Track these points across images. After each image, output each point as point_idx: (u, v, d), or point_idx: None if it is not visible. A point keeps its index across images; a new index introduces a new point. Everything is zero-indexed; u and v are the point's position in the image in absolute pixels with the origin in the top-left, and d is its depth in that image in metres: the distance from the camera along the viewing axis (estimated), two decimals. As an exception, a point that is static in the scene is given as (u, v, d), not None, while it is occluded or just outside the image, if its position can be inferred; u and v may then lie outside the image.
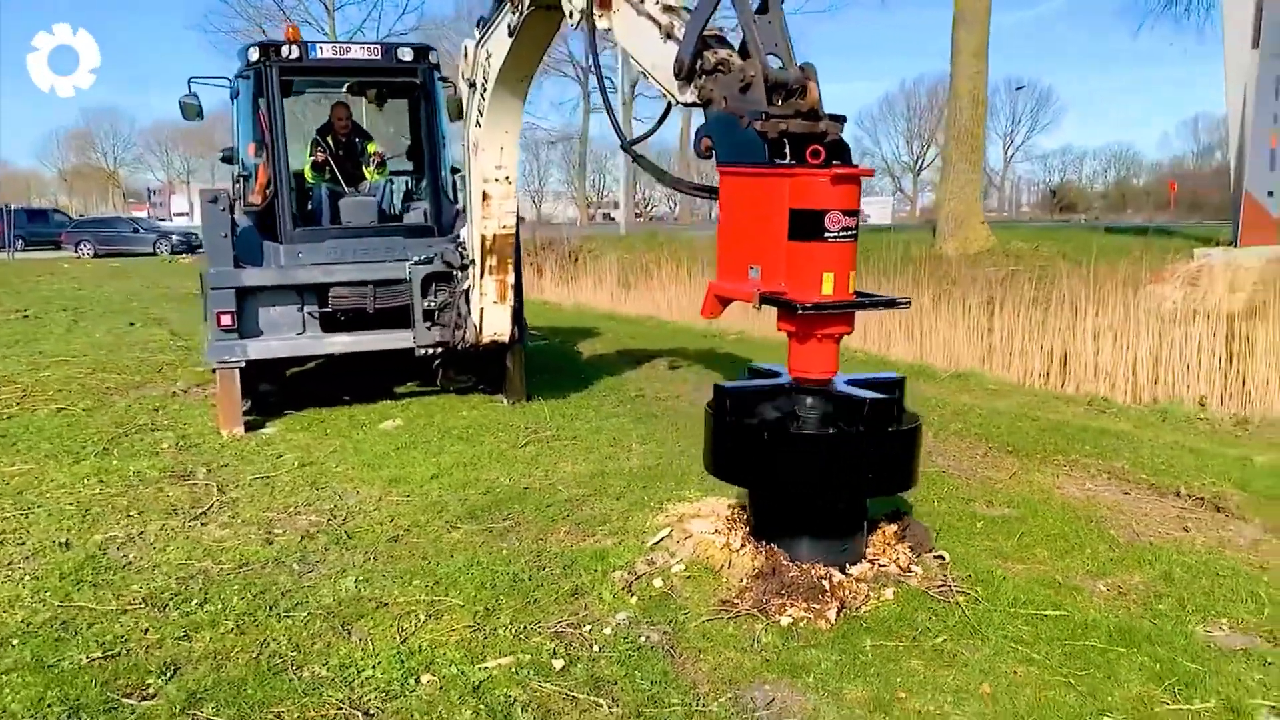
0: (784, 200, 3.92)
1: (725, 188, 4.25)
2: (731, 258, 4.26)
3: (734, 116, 4.11)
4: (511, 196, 7.49)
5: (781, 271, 3.99)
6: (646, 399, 9.14)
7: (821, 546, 4.37)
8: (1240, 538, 5.19)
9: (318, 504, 5.98)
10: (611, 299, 19.66)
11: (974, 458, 6.93)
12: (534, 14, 6.24)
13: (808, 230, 3.90)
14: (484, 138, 7.21)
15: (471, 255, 7.59)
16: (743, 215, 4.16)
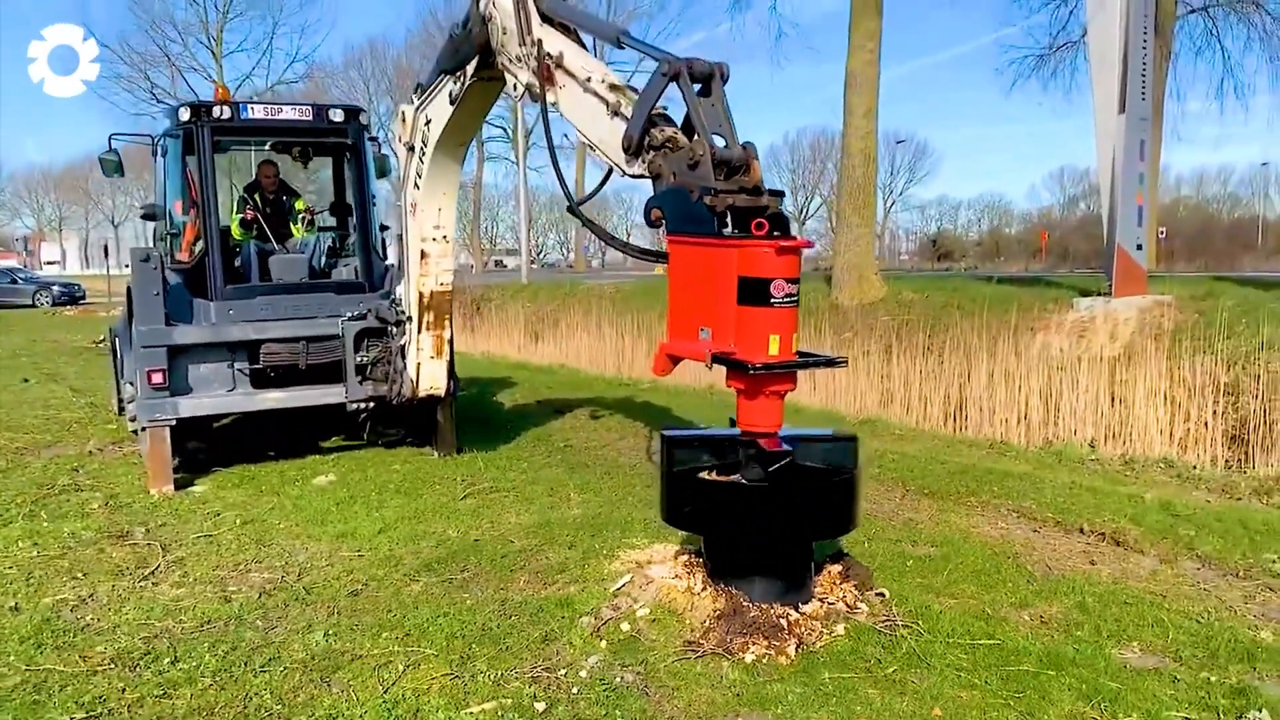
0: (733, 269, 4.22)
1: (676, 255, 4.53)
2: (682, 320, 4.54)
3: (684, 190, 4.41)
4: (449, 255, 7.73)
5: (731, 334, 4.28)
6: (575, 449, 9.39)
7: (776, 587, 4.68)
8: (1140, 569, 5.72)
9: (268, 561, 6.04)
10: (519, 349, 19.87)
11: (894, 500, 7.38)
12: (475, 85, 6.53)
13: (755, 296, 4.20)
14: (423, 199, 7.45)
15: (408, 311, 7.76)
16: (693, 281, 4.44)
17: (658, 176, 4.60)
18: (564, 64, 5.27)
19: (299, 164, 9.94)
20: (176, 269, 8.50)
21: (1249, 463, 9.17)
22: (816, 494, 4.62)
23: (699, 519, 4.84)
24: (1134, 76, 14.27)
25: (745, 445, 4.62)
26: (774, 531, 4.57)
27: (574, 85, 5.23)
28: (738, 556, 4.76)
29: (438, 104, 7.06)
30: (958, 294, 17.40)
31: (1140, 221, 14.90)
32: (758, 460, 4.57)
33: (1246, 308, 12.57)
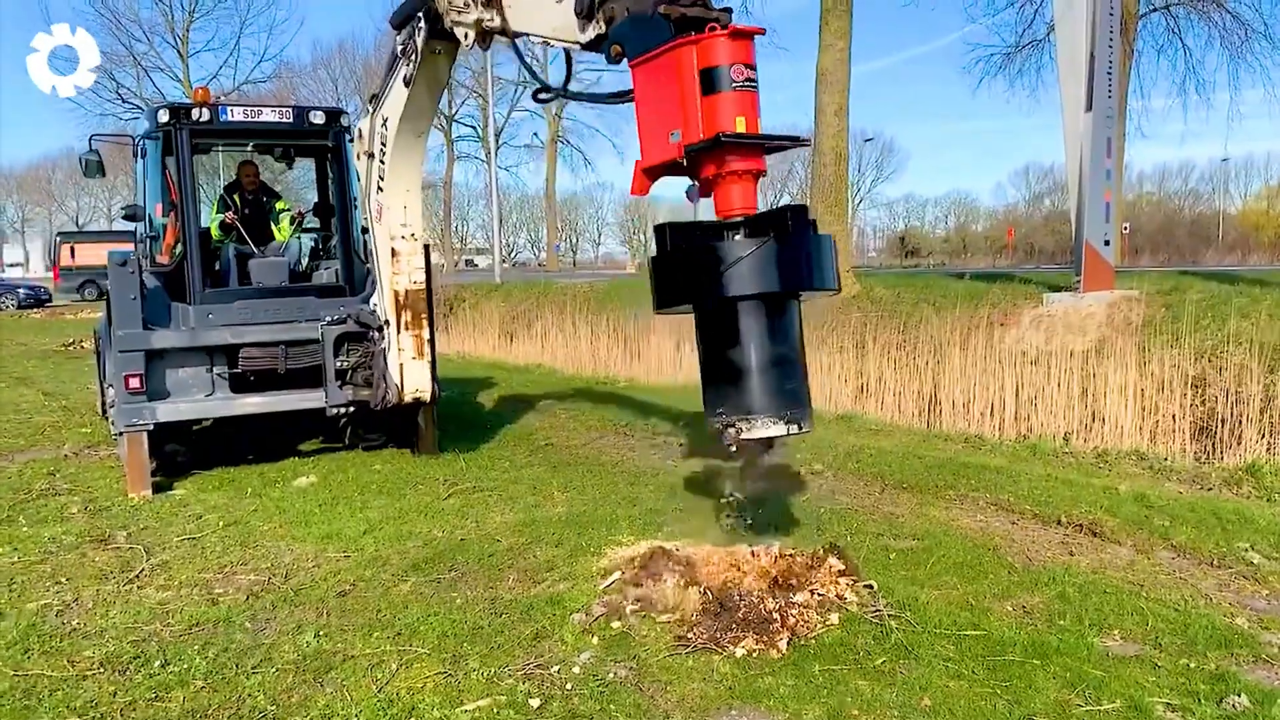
0: (693, 64, 4.31)
1: (640, 76, 4.62)
2: (652, 134, 4.58)
3: (641, 14, 4.58)
4: (419, 252, 7.79)
5: (698, 125, 4.31)
6: (557, 447, 9.42)
7: (775, 402, 4.46)
8: (1118, 559, 5.83)
9: (254, 563, 6.03)
10: (494, 348, 19.85)
11: (873, 495, 7.47)
12: (427, 58, 6.74)
13: (717, 84, 4.29)
14: (387, 198, 7.53)
15: (385, 314, 7.76)
16: (658, 93, 4.51)
17: (612, 19, 4.79)
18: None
19: (284, 165, 9.91)
20: (156, 272, 8.45)
21: (1217, 454, 9.34)
22: (798, 246, 4.49)
23: (689, 289, 4.61)
24: (1100, 75, 14.49)
25: (732, 226, 4.51)
26: (764, 283, 4.38)
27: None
28: (732, 373, 4.54)
29: (393, 96, 7.20)
30: (929, 290, 17.58)
31: (1108, 218, 15.15)
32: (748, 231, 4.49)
33: (1212, 301, 12.80)
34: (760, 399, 4.44)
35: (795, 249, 4.42)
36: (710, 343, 4.66)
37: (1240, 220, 57.43)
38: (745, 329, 4.44)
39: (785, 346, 4.54)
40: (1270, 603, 5.14)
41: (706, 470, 8.23)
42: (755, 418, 4.42)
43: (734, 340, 4.47)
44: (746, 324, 4.43)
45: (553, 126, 54.82)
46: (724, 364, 4.55)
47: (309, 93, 56.64)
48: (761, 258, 4.32)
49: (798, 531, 6.26)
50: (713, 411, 4.59)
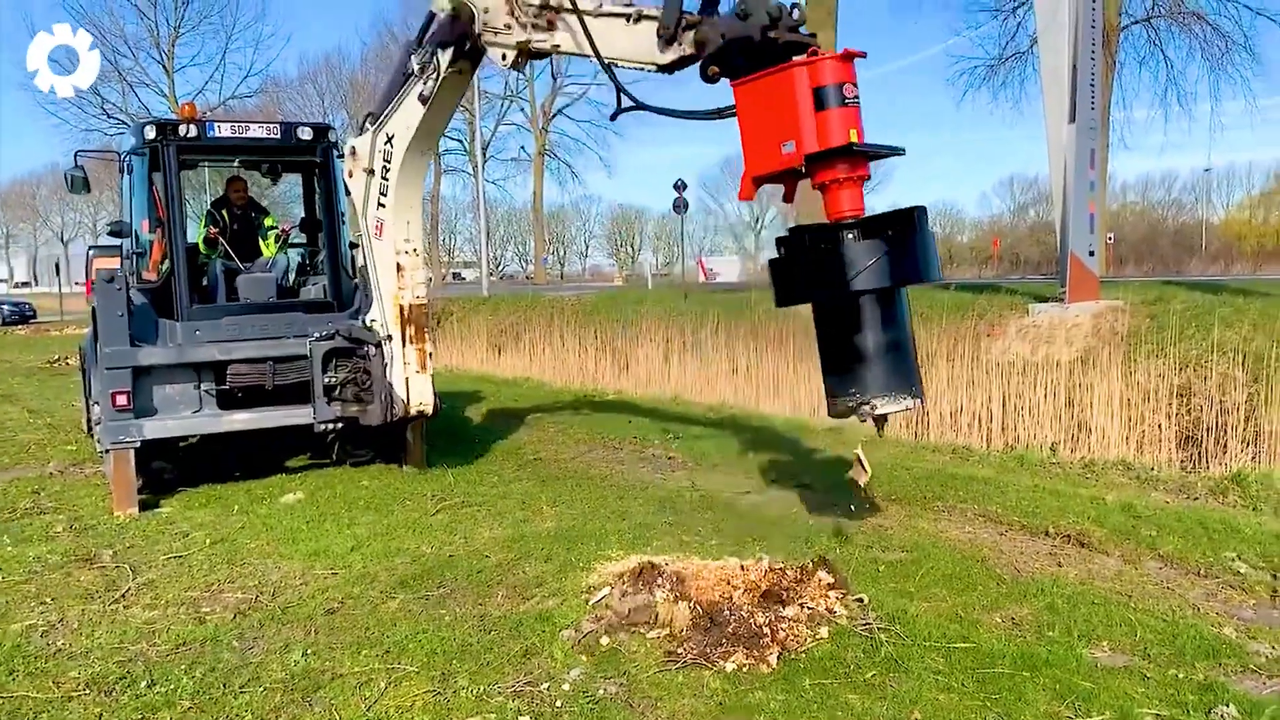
0: (805, 83, 4.66)
1: (745, 94, 4.94)
2: (761, 146, 4.90)
3: (745, 38, 4.94)
4: (420, 267, 7.82)
5: (813, 138, 4.66)
6: (545, 461, 9.41)
7: (898, 381, 4.86)
8: (1106, 569, 5.85)
9: (241, 581, 6.00)
10: (482, 361, 19.82)
11: (863, 507, 7.47)
12: (449, 77, 6.86)
13: (828, 101, 4.65)
14: (391, 215, 7.52)
15: (388, 329, 7.74)
16: (766, 109, 4.84)
17: (704, 44, 5.11)
18: (563, 6, 5.88)
19: (270, 181, 9.91)
20: (143, 288, 8.42)
21: (1203, 463, 9.38)
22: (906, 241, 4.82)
23: (814, 286, 4.99)
24: (1083, 87, 14.57)
25: (847, 227, 4.80)
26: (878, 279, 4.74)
27: (574, 20, 5.78)
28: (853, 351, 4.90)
29: (402, 115, 7.24)
30: (915, 301, 17.60)
31: (1092, 228, 15.20)
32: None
33: (1195, 311, 12.85)
34: (886, 379, 4.84)
35: (910, 247, 4.80)
36: (833, 333, 5.05)
37: (1223, 230, 57.79)
38: (867, 319, 4.85)
39: (901, 332, 4.98)
40: (1257, 612, 5.17)
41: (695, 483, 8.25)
42: (884, 396, 4.82)
43: (857, 329, 4.87)
44: (868, 315, 4.85)
45: (539, 140, 54.89)
46: (849, 351, 4.93)
47: (295, 108, 56.57)
48: (882, 256, 4.72)
49: (787, 545, 6.29)
50: (844, 393, 4.94)
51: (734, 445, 10.00)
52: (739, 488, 8.20)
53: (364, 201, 7.67)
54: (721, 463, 9.24)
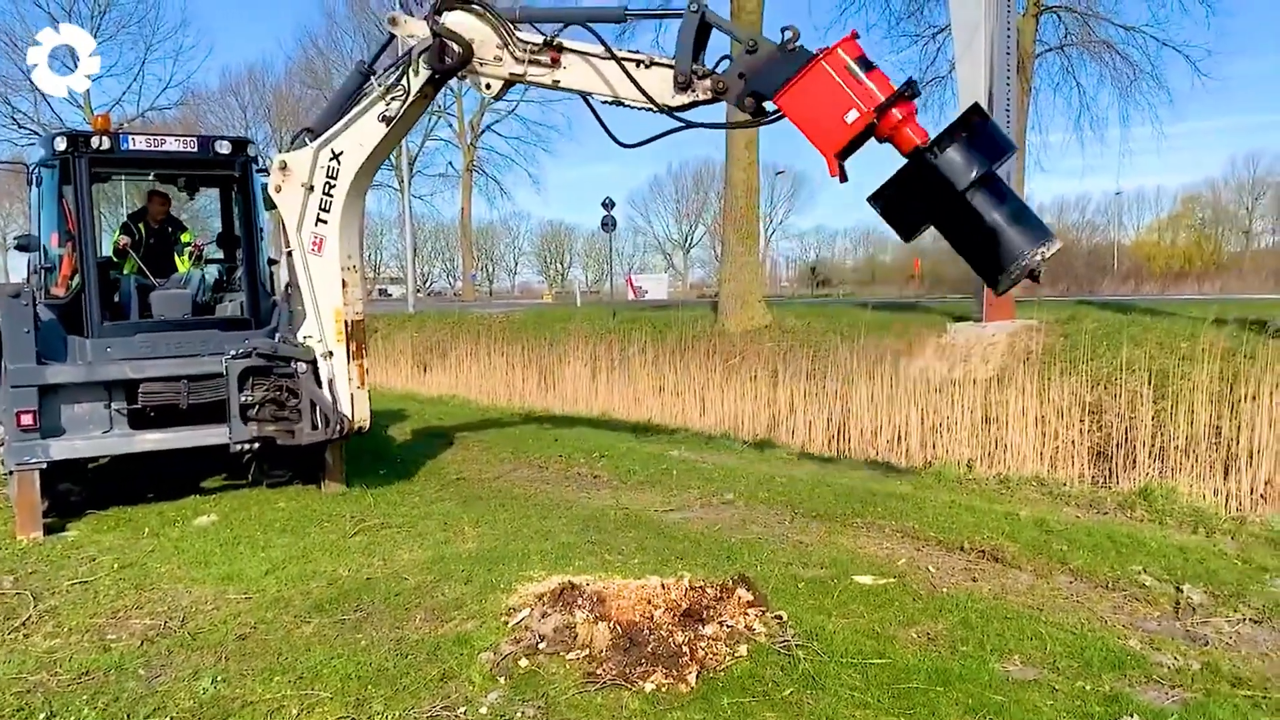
0: (841, 62, 5.24)
1: (791, 98, 5.41)
2: (826, 127, 5.33)
3: (770, 60, 5.51)
4: (359, 284, 7.71)
5: (872, 96, 5.20)
6: (469, 481, 9.32)
7: (1042, 227, 5.22)
8: (1018, 584, 5.98)
9: (149, 606, 5.83)
10: (407, 379, 19.60)
11: (784, 524, 7.54)
12: (418, 100, 7.02)
13: (870, 65, 5.25)
14: (334, 231, 7.44)
15: (327, 346, 7.61)
16: (816, 99, 5.33)
17: (723, 90, 5.73)
18: (567, 46, 6.25)
19: (186, 195, 9.69)
20: (51, 304, 8.16)
21: (1113, 478, 9.66)
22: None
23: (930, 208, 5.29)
24: (999, 112, 14.97)
25: (929, 148, 5.15)
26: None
27: (580, 61, 6.20)
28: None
29: (356, 133, 7.25)
30: (837, 320, 17.88)
31: (1008, 249, 15.62)
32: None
33: (1107, 330, 13.27)
34: (1030, 235, 5.14)
35: (986, 131, 5.18)
36: (968, 233, 5.30)
37: (1134, 251, 59.80)
38: (989, 203, 5.16)
39: (1015, 199, 5.34)
40: (1161, 623, 5.32)
41: (619, 502, 8.24)
42: (1037, 246, 5.11)
43: (986, 216, 5.16)
44: (987, 200, 5.15)
45: (468, 156, 54.46)
46: (989, 236, 5.20)
47: (218, 120, 55.41)
48: (970, 150, 5.09)
49: (709, 562, 6.31)
50: (1006, 270, 5.20)
51: (659, 462, 10.02)
52: (664, 505, 8.21)
53: (299, 217, 7.54)
54: (647, 480, 9.25)
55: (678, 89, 5.82)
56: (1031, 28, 29.45)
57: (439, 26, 6.66)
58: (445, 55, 6.68)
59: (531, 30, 6.48)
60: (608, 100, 6.20)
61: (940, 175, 5.10)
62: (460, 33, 6.62)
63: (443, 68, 6.79)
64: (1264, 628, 5.19)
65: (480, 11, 6.65)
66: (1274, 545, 6.67)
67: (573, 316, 21.83)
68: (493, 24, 6.56)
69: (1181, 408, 9.63)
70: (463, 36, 6.62)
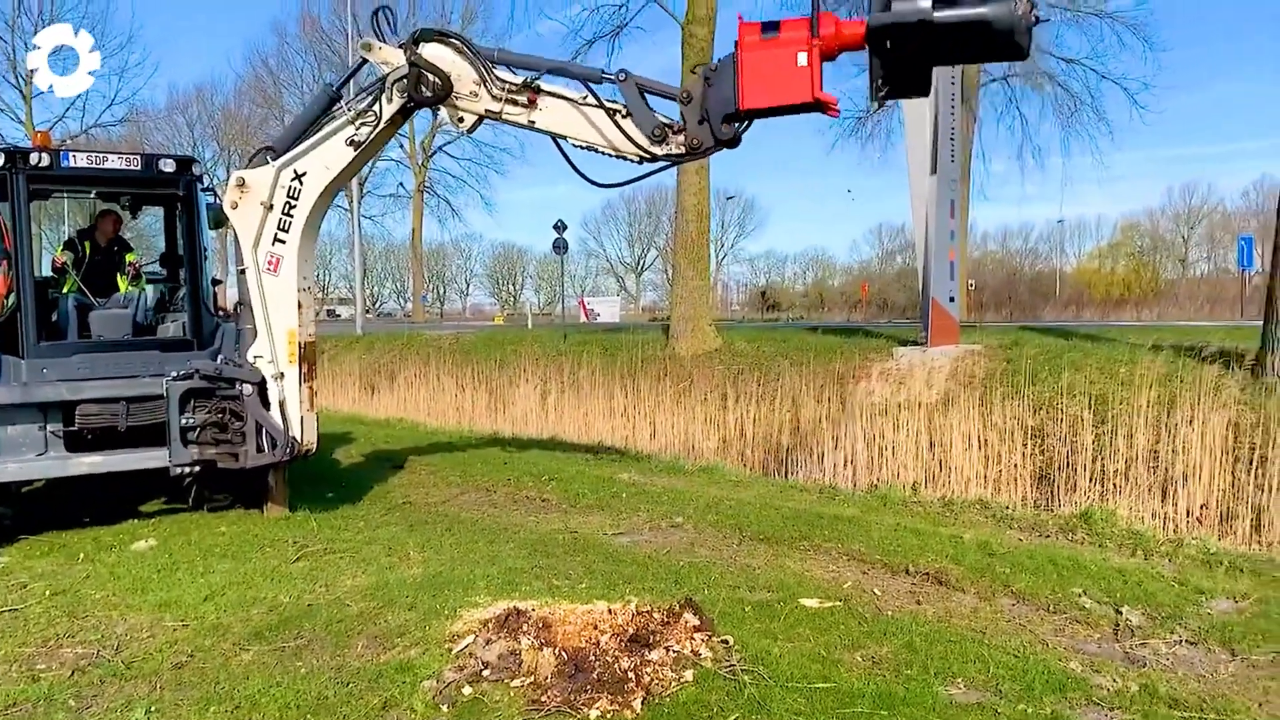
0: (756, 42, 5.72)
1: (751, 94, 5.78)
2: (791, 84, 5.68)
3: (706, 91, 6.00)
4: (312, 305, 7.68)
5: (798, 40, 5.62)
6: (415, 505, 9.21)
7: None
8: (963, 607, 6.04)
9: (82, 635, 5.66)
10: (354, 401, 19.38)
11: (731, 547, 7.55)
12: (387, 128, 7.13)
13: (774, 27, 5.73)
14: (293, 252, 7.46)
15: (279, 367, 7.50)
16: (767, 77, 5.73)
17: (697, 146, 6.17)
18: (545, 89, 6.53)
19: (129, 214, 9.52)
20: None
21: (1055, 501, 9.84)
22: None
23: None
24: (944, 141, 15.27)
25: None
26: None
27: (561, 103, 6.51)
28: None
29: (321, 155, 7.29)
30: (786, 344, 18.03)
31: (952, 275, 15.86)
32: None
33: (1049, 355, 13.52)
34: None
35: None
36: (962, 38, 5.36)
37: (1075, 278, 61.03)
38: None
39: None
40: (1100, 646, 5.40)
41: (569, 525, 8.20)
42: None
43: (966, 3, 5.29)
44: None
45: (419, 176, 54.18)
46: (979, 23, 5.27)
47: (164, 138, 54.68)
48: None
49: (656, 586, 6.29)
50: (1015, 20, 5.25)
51: (609, 486, 9.99)
52: (612, 528, 8.18)
53: (256, 235, 7.46)
54: (596, 503, 9.22)
55: (653, 142, 6.20)
56: (976, 59, 30.09)
57: (417, 58, 6.76)
58: (422, 86, 6.80)
59: (507, 69, 6.70)
60: (581, 145, 6.44)
61: (905, 25, 5.28)
62: (438, 65, 6.74)
63: (419, 99, 6.89)
64: (1199, 649, 5.29)
65: (460, 46, 6.81)
66: (1209, 567, 6.81)
67: (524, 339, 21.76)
68: (471, 60, 6.73)
69: (1121, 432, 9.84)
70: (440, 69, 6.73)
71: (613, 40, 24.12)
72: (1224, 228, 65.30)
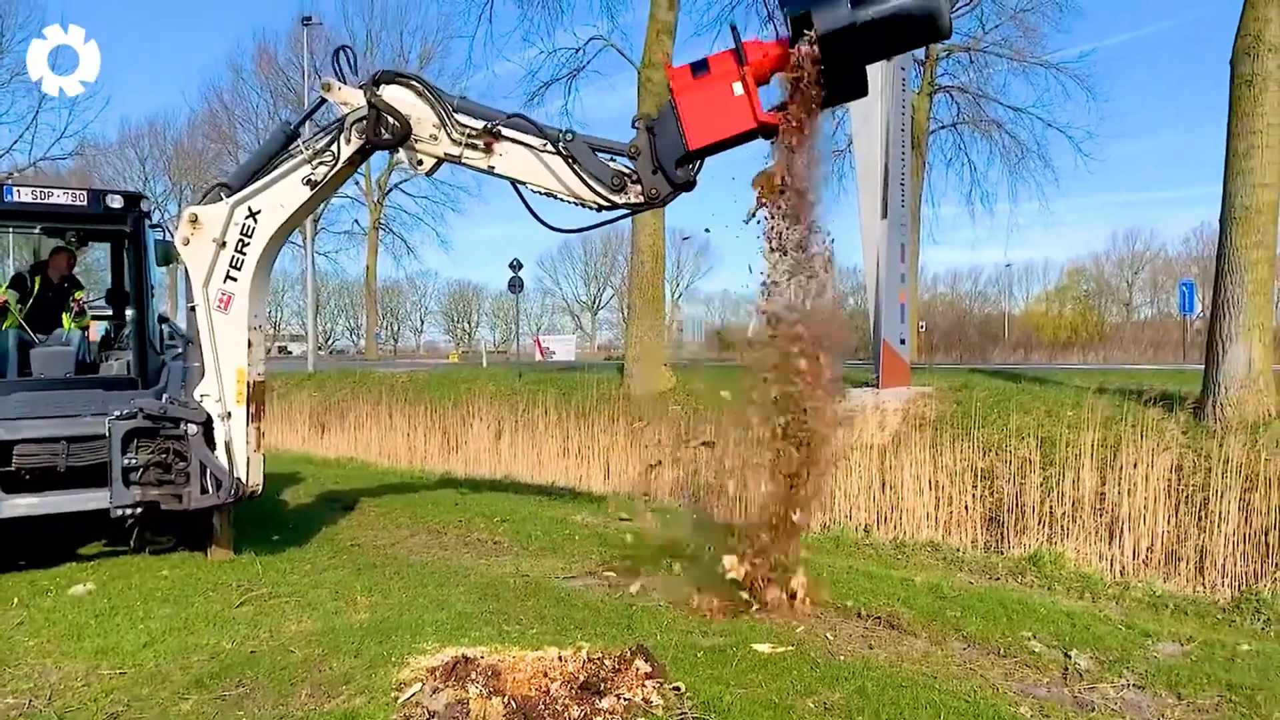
0: (687, 84, 5.98)
1: (696, 133, 6.02)
2: (734, 114, 5.88)
3: (651, 141, 6.21)
4: (262, 344, 7.62)
5: (729, 73, 5.85)
6: (363, 547, 9.07)
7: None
8: (914, 651, 6.04)
9: (13, 684, 5.48)
10: (304, 440, 19.12)
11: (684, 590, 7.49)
12: (345, 168, 7.17)
13: (702, 66, 5.98)
14: (245, 290, 7.42)
15: (226, 406, 7.38)
16: (708, 114, 5.95)
17: (655, 195, 6.36)
18: (504, 134, 6.59)
19: (74, 249, 9.38)
20: None
21: (1005, 543, 9.92)
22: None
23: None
24: (894, 186, 15.52)
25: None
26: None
27: (520, 150, 6.58)
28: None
29: (276, 194, 7.27)
30: (739, 383, 18.12)
31: (903, 318, 16.07)
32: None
33: (998, 397, 13.69)
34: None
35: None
36: (887, 31, 5.51)
37: (1023, 320, 62.19)
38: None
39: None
40: (1050, 690, 5.42)
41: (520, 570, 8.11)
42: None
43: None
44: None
45: (374, 213, 53.95)
46: (900, 15, 5.44)
47: (115, 171, 54.07)
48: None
49: (608, 631, 6.22)
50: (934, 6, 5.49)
51: (562, 528, 9.91)
52: (565, 572, 8.10)
53: (207, 273, 7.37)
54: (548, 545, 9.13)
55: (612, 191, 6.35)
56: (926, 105, 30.82)
57: (377, 99, 6.78)
58: (381, 128, 6.80)
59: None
60: (540, 191, 6.52)
61: (832, 33, 5.43)
62: (398, 108, 6.75)
63: (378, 141, 6.90)
64: (1146, 693, 5.34)
65: (420, 89, 6.82)
66: (1155, 609, 6.91)
67: (478, 377, 21.63)
68: (431, 103, 6.76)
69: (1068, 474, 9.97)
70: (400, 112, 6.74)
71: (569, 83, 24.36)
72: (1166, 273, 66.97)
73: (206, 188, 7.83)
